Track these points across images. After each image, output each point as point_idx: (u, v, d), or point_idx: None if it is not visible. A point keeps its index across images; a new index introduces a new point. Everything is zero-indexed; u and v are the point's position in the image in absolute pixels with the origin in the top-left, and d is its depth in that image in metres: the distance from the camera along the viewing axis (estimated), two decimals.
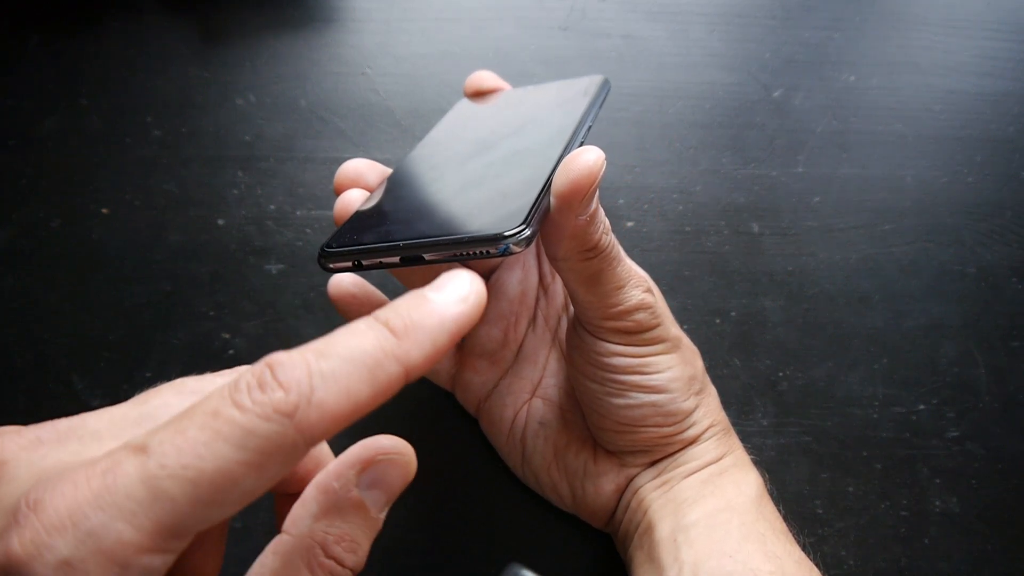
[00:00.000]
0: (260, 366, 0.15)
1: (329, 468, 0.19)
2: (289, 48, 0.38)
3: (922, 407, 0.35)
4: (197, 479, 0.14)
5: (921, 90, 0.39)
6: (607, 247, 0.24)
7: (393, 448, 0.19)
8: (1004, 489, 0.34)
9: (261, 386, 0.15)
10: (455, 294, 0.17)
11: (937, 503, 0.34)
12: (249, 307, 0.36)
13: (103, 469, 0.15)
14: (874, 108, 0.38)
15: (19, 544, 0.14)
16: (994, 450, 0.35)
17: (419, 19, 0.38)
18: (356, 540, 0.18)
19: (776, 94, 0.38)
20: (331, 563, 0.18)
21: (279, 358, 0.15)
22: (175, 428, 0.15)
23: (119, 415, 0.19)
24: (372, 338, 0.16)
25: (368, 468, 0.19)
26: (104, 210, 0.36)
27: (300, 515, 0.18)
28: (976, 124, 0.38)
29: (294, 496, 0.21)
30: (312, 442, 0.15)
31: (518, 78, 0.38)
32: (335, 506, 0.18)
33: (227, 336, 0.35)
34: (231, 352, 0.35)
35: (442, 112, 0.38)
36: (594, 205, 0.22)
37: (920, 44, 0.39)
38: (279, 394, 0.15)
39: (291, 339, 0.35)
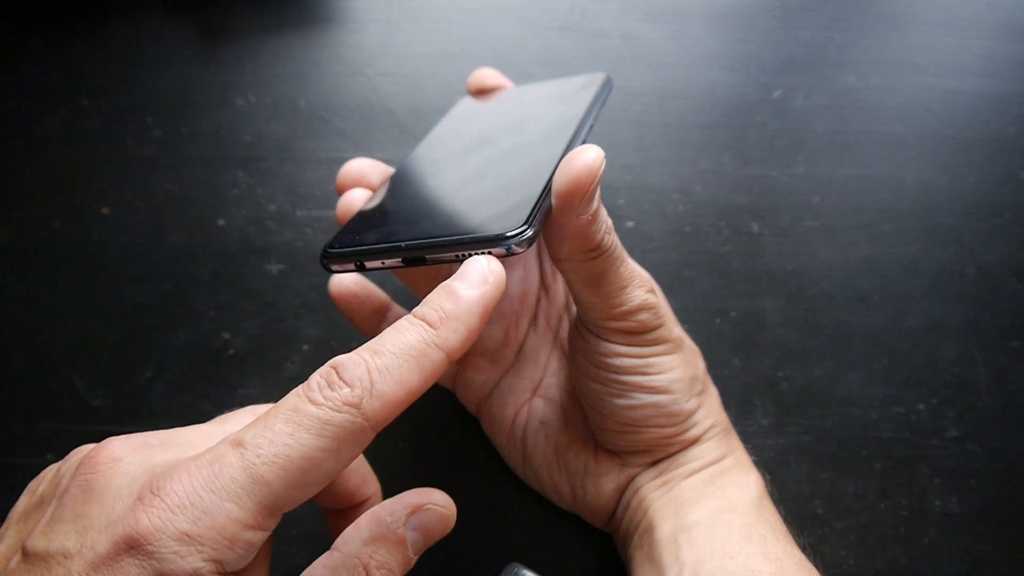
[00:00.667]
0: (326, 368, 0.19)
1: (386, 504, 0.21)
2: (289, 48, 0.38)
3: (922, 407, 0.35)
4: (287, 464, 0.17)
5: (921, 90, 0.39)
6: (610, 247, 0.24)
7: (441, 503, 0.22)
8: (1004, 489, 0.34)
9: (330, 384, 0.18)
10: (477, 278, 0.20)
11: (937, 503, 0.34)
12: (249, 307, 0.36)
13: (209, 460, 0.18)
14: (874, 108, 0.38)
15: (146, 520, 0.17)
16: (994, 450, 0.35)
17: (419, 19, 0.38)
18: (392, 570, 0.21)
19: (776, 94, 0.38)
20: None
21: (341, 360, 0.19)
22: (264, 424, 0.18)
23: (207, 431, 0.22)
24: (415, 333, 0.19)
25: (417, 512, 0.21)
26: (104, 210, 0.36)
27: (352, 537, 0.21)
28: (976, 124, 0.38)
29: (340, 512, 0.26)
30: (378, 426, 0.19)
31: (518, 78, 0.38)
32: (383, 536, 0.21)
33: (227, 336, 0.35)
34: (231, 352, 0.35)
35: (442, 112, 0.38)
36: (595, 204, 0.22)
37: (920, 44, 0.39)
38: (346, 390, 0.18)
39: (291, 339, 0.35)
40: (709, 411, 0.28)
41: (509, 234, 0.21)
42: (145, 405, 0.34)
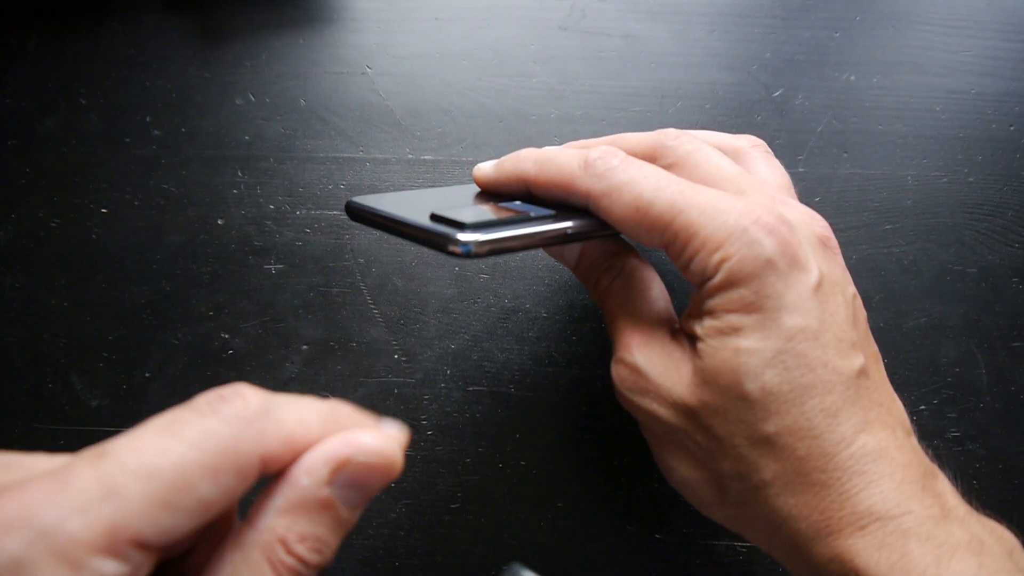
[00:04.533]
0: (224, 388, 0.16)
1: (303, 460, 0.17)
2: (289, 48, 0.38)
3: (923, 407, 0.35)
4: (152, 475, 0.14)
5: (922, 90, 0.38)
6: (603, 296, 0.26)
7: (374, 449, 0.18)
8: (1005, 489, 0.34)
9: (222, 398, 0.16)
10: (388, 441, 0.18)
11: None
12: (249, 307, 0.36)
13: (58, 473, 0.15)
14: (874, 108, 0.38)
15: None
16: (995, 450, 0.34)
17: (419, 19, 0.38)
18: (322, 539, 0.17)
19: (776, 94, 0.38)
20: (293, 561, 0.17)
21: (243, 386, 0.17)
22: (134, 434, 0.15)
23: (61, 459, 0.18)
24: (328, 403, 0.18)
25: (343, 468, 0.17)
26: (104, 210, 0.36)
27: (265, 507, 0.17)
28: (977, 124, 0.38)
29: None
30: (267, 458, 0.16)
31: (518, 78, 0.38)
32: (302, 502, 0.17)
33: (226, 336, 0.35)
34: (230, 352, 0.35)
35: (443, 112, 0.37)
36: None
37: (920, 44, 0.39)
38: (239, 403, 0.16)
39: (291, 339, 0.35)
40: None
41: (453, 235, 0.22)
42: (144, 405, 0.34)
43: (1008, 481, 0.34)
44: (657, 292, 0.27)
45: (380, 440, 0.18)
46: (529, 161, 0.27)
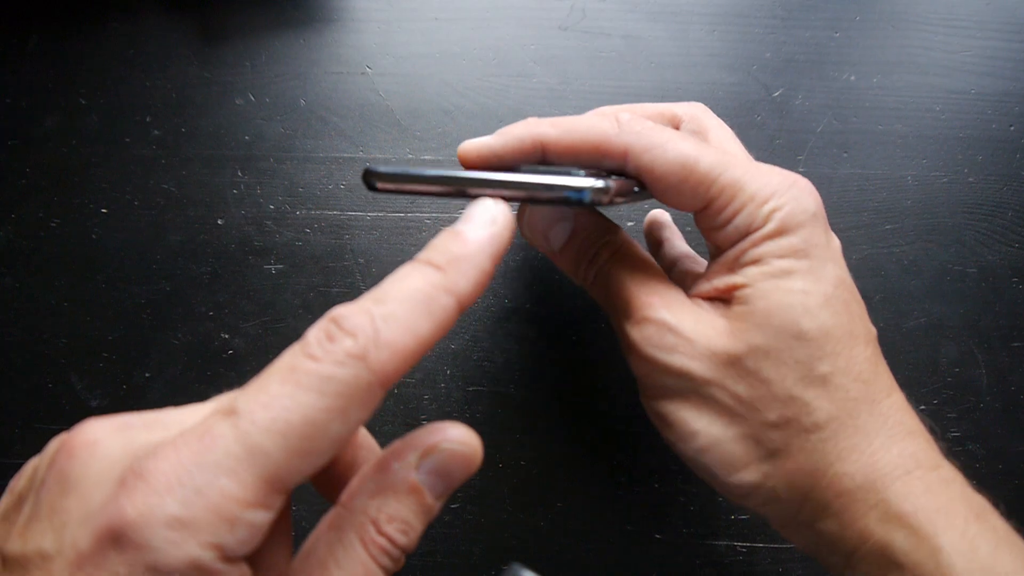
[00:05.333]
0: (325, 322, 0.17)
1: (393, 447, 0.19)
2: (289, 48, 0.38)
3: (923, 408, 0.35)
4: (286, 430, 0.15)
5: (922, 90, 0.38)
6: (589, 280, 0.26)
7: (459, 439, 0.19)
8: (1005, 490, 0.34)
9: (330, 338, 0.16)
10: (484, 220, 0.19)
11: None
12: (249, 307, 0.36)
13: (199, 434, 0.16)
14: (874, 108, 0.38)
15: (131, 507, 0.15)
16: (995, 451, 0.34)
17: (419, 19, 0.38)
18: (409, 522, 0.18)
19: (776, 94, 0.38)
20: (384, 541, 0.18)
21: (341, 311, 0.17)
22: (257, 388, 0.16)
23: (199, 409, 0.19)
24: (420, 277, 0.17)
25: (430, 454, 0.18)
26: (103, 210, 0.36)
27: (358, 490, 0.18)
28: (977, 124, 0.38)
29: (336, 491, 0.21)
30: (386, 381, 0.16)
31: (518, 78, 0.38)
32: (392, 486, 0.18)
33: (226, 336, 0.35)
34: (230, 352, 0.35)
35: (443, 112, 0.37)
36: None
37: (920, 44, 0.39)
38: (348, 341, 0.16)
39: (290, 339, 0.35)
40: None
41: (582, 185, 0.20)
42: (144, 405, 0.34)
43: (1008, 481, 0.34)
44: (656, 263, 0.27)
45: (463, 432, 0.19)
46: (545, 125, 0.26)
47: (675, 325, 0.24)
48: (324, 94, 0.38)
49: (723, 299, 0.24)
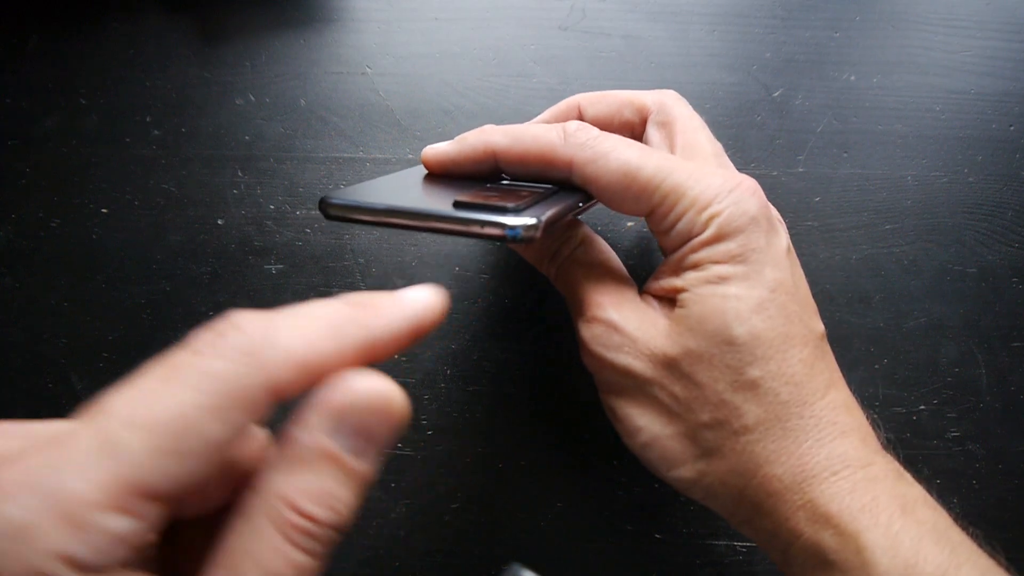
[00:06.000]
0: (219, 322, 0.15)
1: (299, 416, 0.16)
2: (289, 48, 0.38)
3: (923, 407, 0.35)
4: (152, 426, 0.14)
5: (921, 90, 0.38)
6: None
7: (369, 392, 0.16)
8: (1005, 489, 0.34)
9: (219, 335, 0.15)
10: (416, 297, 0.18)
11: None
12: (249, 307, 0.36)
13: (59, 436, 0.14)
14: (874, 108, 0.38)
15: None
16: (995, 451, 0.34)
17: (419, 19, 0.38)
18: (332, 494, 0.16)
19: (776, 94, 0.38)
20: (304, 522, 0.15)
21: (239, 314, 0.16)
22: (130, 386, 0.15)
23: (60, 424, 0.18)
24: (334, 306, 0.17)
25: (341, 414, 0.16)
26: (104, 210, 0.36)
27: (268, 471, 0.16)
28: (977, 124, 0.38)
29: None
30: (276, 388, 0.15)
31: (518, 78, 0.38)
32: (302, 456, 0.16)
33: None
34: None
35: (443, 112, 0.37)
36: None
37: (920, 44, 0.39)
38: (239, 337, 0.15)
39: None
40: None
41: (511, 222, 0.21)
42: None
43: (1008, 481, 0.34)
44: (616, 258, 0.28)
45: (372, 383, 0.16)
46: (497, 134, 0.26)
47: (621, 325, 0.25)
48: (324, 94, 0.38)
49: (669, 299, 0.26)
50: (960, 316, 0.36)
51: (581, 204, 0.25)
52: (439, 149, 0.28)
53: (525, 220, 0.21)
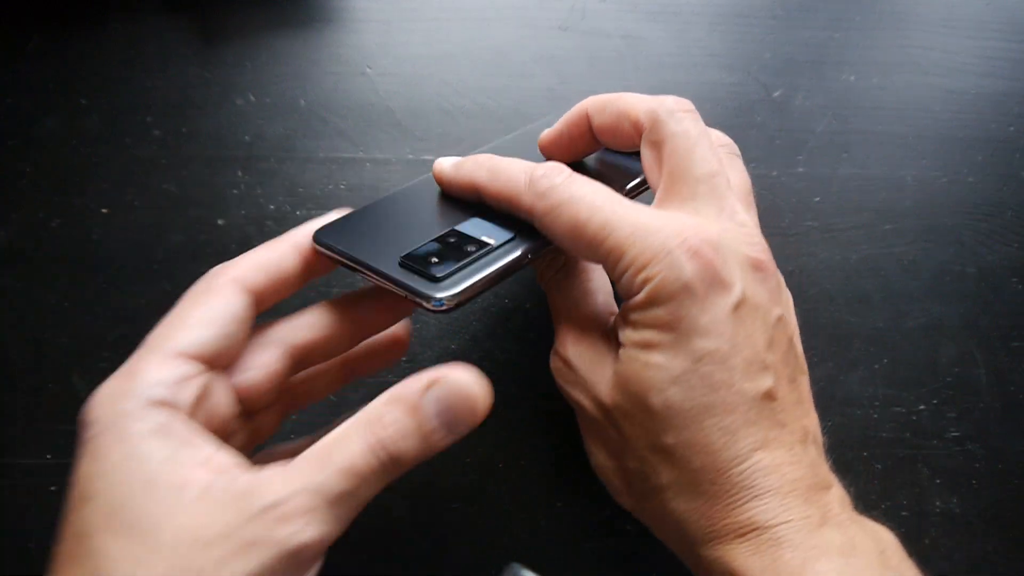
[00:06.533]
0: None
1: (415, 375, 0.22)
2: (289, 48, 0.38)
3: (922, 407, 0.35)
4: (193, 323, 0.24)
5: (921, 90, 0.39)
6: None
7: (463, 378, 0.21)
8: (1005, 489, 0.34)
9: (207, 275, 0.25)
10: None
11: (937, 503, 0.34)
12: None
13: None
14: (874, 108, 0.38)
15: None
16: (995, 450, 0.34)
17: (419, 19, 0.38)
18: (406, 435, 0.21)
19: (776, 94, 0.38)
20: (381, 436, 0.21)
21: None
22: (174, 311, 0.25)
23: None
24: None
25: (436, 384, 0.21)
26: (104, 210, 0.36)
27: (375, 401, 0.21)
28: (976, 124, 0.38)
29: None
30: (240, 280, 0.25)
31: (518, 78, 0.38)
32: (398, 397, 0.21)
33: None
34: None
35: (443, 112, 0.38)
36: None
37: (920, 44, 0.39)
38: (223, 269, 0.25)
39: None
40: None
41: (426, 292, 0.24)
42: None
43: (1008, 481, 0.34)
44: (596, 286, 0.28)
45: (471, 373, 0.21)
46: (483, 169, 0.27)
47: (575, 364, 0.27)
48: (324, 94, 0.38)
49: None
50: (960, 316, 0.36)
51: (530, 256, 0.26)
52: (442, 168, 0.29)
53: (446, 293, 0.23)
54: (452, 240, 0.26)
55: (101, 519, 0.20)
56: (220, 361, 0.24)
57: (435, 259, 0.25)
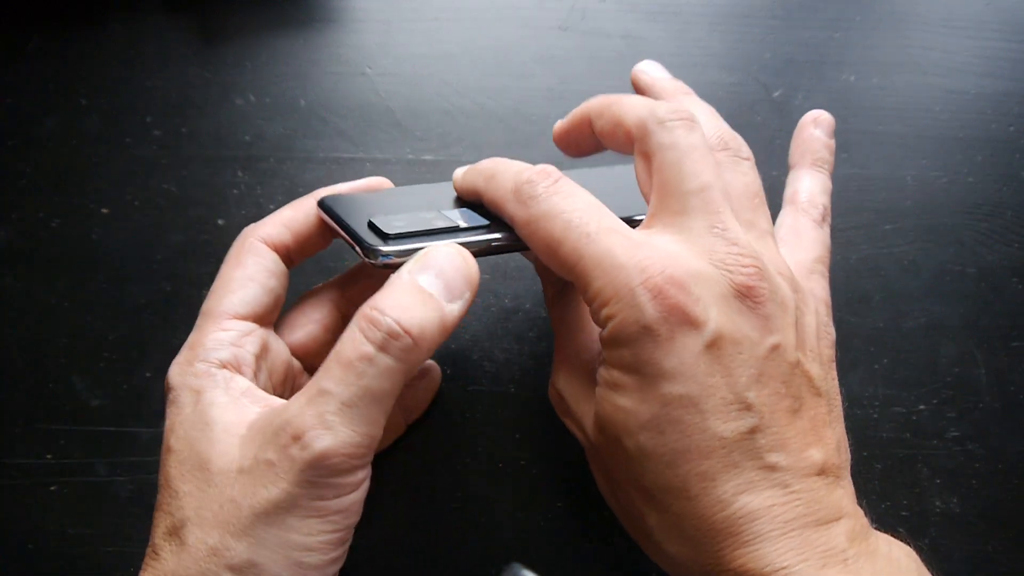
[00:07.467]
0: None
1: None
2: (289, 48, 0.38)
3: (922, 407, 0.35)
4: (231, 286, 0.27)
5: (921, 90, 0.39)
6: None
7: (437, 248, 0.23)
8: (1005, 489, 0.34)
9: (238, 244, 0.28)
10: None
11: (937, 503, 0.34)
12: None
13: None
14: (874, 108, 0.38)
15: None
16: (995, 450, 0.34)
17: (419, 19, 0.38)
18: (409, 307, 0.21)
19: (776, 94, 0.38)
20: (375, 313, 0.21)
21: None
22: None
23: None
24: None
25: (426, 259, 0.23)
26: (104, 210, 0.36)
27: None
28: (976, 124, 0.38)
29: None
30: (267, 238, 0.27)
31: (518, 78, 0.38)
32: (391, 283, 0.22)
33: None
34: None
35: (443, 112, 0.38)
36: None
37: (920, 44, 0.39)
38: (246, 233, 0.28)
39: None
40: None
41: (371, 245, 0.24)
42: (145, 405, 0.34)
43: (1008, 481, 0.34)
44: (588, 315, 0.27)
45: (454, 250, 0.23)
46: (481, 175, 0.27)
47: (566, 398, 0.26)
48: (324, 94, 0.38)
49: None
50: (959, 316, 0.36)
51: (495, 245, 0.26)
52: (455, 175, 0.29)
53: (383, 247, 0.24)
54: (427, 216, 0.26)
55: (177, 467, 0.22)
56: (268, 315, 0.26)
57: (399, 225, 0.25)
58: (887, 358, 0.36)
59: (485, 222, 0.26)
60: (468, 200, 0.28)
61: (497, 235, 0.26)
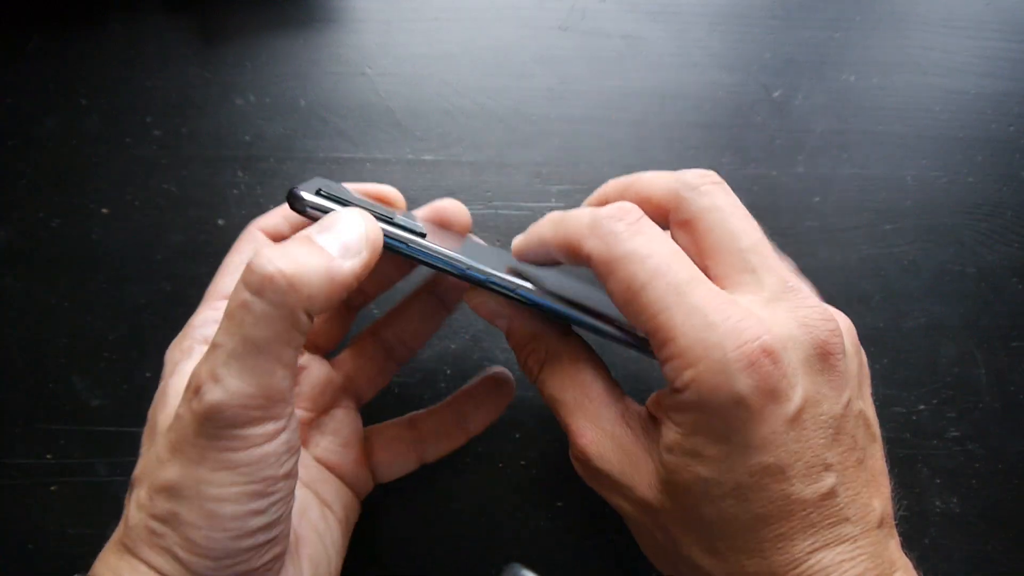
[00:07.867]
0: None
1: None
2: (289, 48, 0.38)
3: (922, 407, 0.35)
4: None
5: (921, 90, 0.39)
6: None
7: (337, 214, 0.23)
8: (1005, 489, 0.34)
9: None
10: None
11: (937, 503, 0.34)
12: None
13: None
14: (874, 108, 0.38)
15: None
16: (995, 450, 0.34)
17: (419, 19, 0.38)
18: (297, 255, 0.21)
19: (776, 94, 0.38)
20: (258, 259, 0.20)
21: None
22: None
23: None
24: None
25: (323, 223, 0.23)
26: (104, 210, 0.36)
27: None
28: (976, 124, 0.38)
29: None
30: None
31: (518, 78, 0.38)
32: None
33: None
34: None
35: (443, 112, 0.38)
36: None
37: (920, 44, 0.39)
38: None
39: None
40: None
41: None
42: (145, 405, 0.34)
43: (1008, 481, 0.34)
44: (592, 373, 0.26)
45: (361, 213, 0.23)
46: (549, 220, 0.25)
47: (605, 470, 0.24)
48: (324, 94, 0.38)
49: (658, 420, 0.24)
50: (959, 316, 0.36)
51: (393, 245, 0.24)
52: (515, 241, 0.27)
53: (305, 196, 0.24)
54: (383, 213, 0.25)
55: (145, 434, 0.24)
56: None
57: (343, 195, 0.25)
58: (887, 358, 0.36)
59: (423, 229, 0.25)
60: (535, 261, 0.26)
61: (413, 243, 0.24)
